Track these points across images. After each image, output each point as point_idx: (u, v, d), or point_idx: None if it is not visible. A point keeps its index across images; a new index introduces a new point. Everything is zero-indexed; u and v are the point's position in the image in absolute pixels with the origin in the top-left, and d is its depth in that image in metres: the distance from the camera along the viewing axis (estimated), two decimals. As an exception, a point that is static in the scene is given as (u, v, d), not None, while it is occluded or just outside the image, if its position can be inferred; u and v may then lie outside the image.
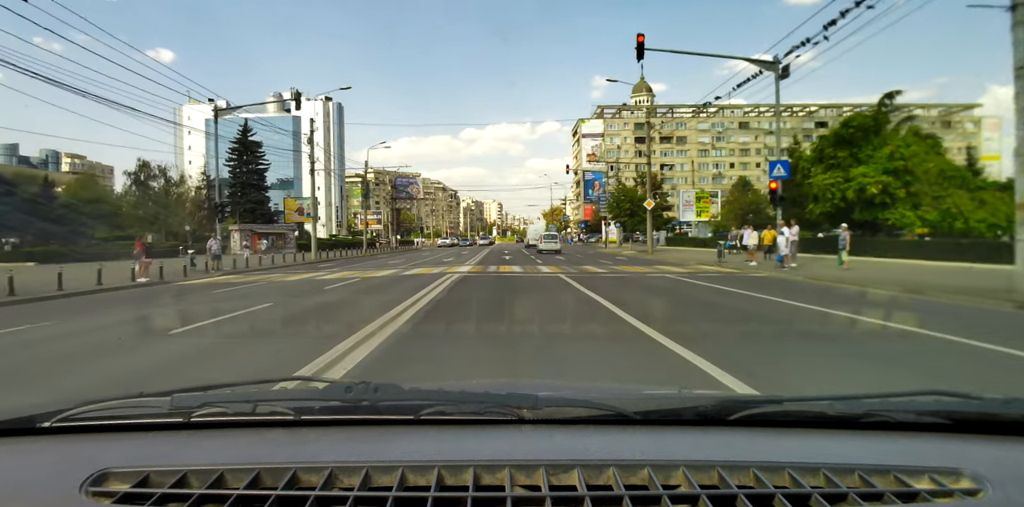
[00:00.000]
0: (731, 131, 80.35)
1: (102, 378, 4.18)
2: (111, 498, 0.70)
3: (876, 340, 5.56)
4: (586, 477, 0.72)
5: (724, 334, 5.77)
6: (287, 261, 24.46)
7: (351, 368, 4.05)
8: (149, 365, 4.58)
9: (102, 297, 10.87)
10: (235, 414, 0.90)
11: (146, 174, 43.27)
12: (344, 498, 0.67)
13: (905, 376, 3.83)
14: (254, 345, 5.61)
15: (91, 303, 9.77)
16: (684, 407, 0.93)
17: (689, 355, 4.31)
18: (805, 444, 0.85)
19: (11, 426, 0.91)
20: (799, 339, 5.54)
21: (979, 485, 0.70)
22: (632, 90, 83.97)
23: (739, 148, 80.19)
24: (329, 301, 9.26)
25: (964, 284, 9.67)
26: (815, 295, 9.05)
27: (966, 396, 0.95)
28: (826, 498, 0.66)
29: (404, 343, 5.09)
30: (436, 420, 0.90)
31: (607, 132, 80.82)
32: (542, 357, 4.53)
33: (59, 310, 8.57)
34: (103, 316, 7.91)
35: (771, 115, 79.74)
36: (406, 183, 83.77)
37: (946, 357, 4.52)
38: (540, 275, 14.12)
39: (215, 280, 14.63)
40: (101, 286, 11.94)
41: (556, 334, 5.77)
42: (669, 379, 3.77)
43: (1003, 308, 7.45)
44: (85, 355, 5.07)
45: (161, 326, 7.01)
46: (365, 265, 20.97)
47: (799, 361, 4.40)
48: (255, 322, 7.00)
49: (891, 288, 9.79)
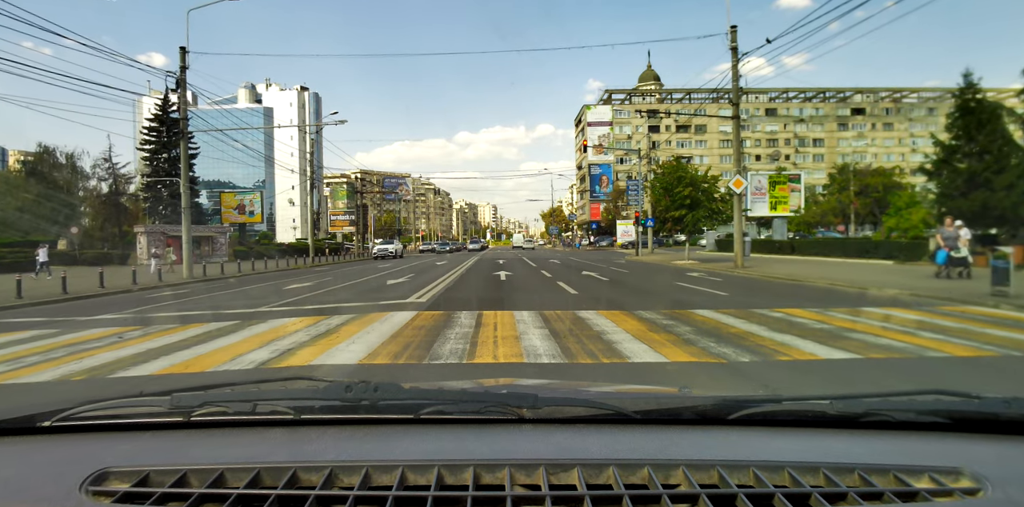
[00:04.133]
0: (756, 119, 79.12)
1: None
2: (111, 497, 0.77)
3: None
4: (586, 476, 0.79)
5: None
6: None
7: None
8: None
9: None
10: (235, 413, 0.99)
11: (48, 163, 38.48)
12: (344, 497, 0.74)
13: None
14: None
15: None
16: (684, 406, 1.01)
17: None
18: (805, 443, 0.93)
19: (11, 425, 1.00)
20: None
21: (979, 484, 0.76)
22: (638, 79, 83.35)
23: (766, 138, 79.42)
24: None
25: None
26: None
27: (966, 395, 1.04)
28: (826, 497, 0.73)
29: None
30: (436, 419, 0.98)
31: (616, 120, 78.11)
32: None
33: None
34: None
35: (800, 101, 79.53)
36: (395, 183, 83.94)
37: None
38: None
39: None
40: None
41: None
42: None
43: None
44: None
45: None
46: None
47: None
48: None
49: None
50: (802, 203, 39.27)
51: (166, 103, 39.29)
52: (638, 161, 45.01)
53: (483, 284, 14.87)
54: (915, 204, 29.82)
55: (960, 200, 23.09)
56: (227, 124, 44.52)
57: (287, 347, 5.99)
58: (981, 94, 24.59)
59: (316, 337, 6.55)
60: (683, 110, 75.31)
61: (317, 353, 5.66)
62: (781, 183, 39.47)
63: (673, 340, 6.02)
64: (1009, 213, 21.90)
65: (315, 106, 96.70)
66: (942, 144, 25.06)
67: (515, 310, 8.54)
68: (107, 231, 38.59)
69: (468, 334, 6.54)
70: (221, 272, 22.01)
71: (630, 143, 74.94)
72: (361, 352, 5.68)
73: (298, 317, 8.42)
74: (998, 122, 23.69)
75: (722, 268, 19.28)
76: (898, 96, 79.78)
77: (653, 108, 75.76)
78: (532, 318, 7.70)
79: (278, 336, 6.68)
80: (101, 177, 40.52)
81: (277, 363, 5.22)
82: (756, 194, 38.75)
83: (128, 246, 35.41)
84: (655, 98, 79.50)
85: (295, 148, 73.95)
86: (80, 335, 7.22)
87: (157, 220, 37.39)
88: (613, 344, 5.83)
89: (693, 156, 76.56)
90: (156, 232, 33.14)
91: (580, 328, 6.86)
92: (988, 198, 22.26)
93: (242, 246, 40.43)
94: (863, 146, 78.15)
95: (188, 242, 19.80)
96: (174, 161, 37.27)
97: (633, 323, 7.20)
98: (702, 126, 77.29)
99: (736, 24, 17.90)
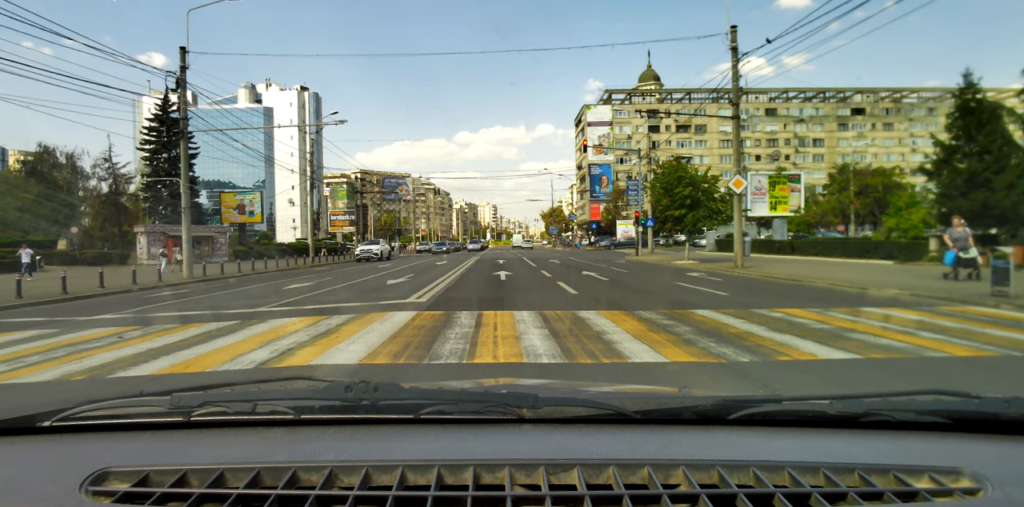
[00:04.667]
0: (756, 119, 79.37)
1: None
2: (111, 497, 0.77)
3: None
4: (586, 476, 0.79)
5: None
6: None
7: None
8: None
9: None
10: (235, 413, 0.99)
11: (48, 163, 38.60)
12: (344, 497, 0.74)
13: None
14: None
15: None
16: (684, 406, 1.02)
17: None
18: (805, 443, 0.93)
19: (11, 425, 1.00)
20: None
21: (979, 484, 0.77)
22: (638, 79, 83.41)
23: (766, 138, 79.63)
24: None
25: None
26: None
27: (966, 395, 1.04)
28: (826, 497, 0.73)
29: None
30: (436, 419, 0.98)
31: (616, 120, 78.41)
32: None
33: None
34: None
35: (800, 101, 79.52)
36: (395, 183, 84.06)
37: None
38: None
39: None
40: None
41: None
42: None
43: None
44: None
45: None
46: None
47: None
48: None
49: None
50: (802, 203, 39.22)
51: (166, 103, 39.21)
52: (638, 161, 44.68)
53: (483, 284, 14.81)
54: (915, 204, 29.81)
55: (960, 200, 23.10)
56: (227, 124, 44.82)
57: (287, 347, 5.97)
58: (981, 94, 24.61)
59: (316, 337, 6.53)
60: (683, 110, 75.36)
61: (317, 353, 5.64)
62: (781, 183, 39.41)
63: (673, 340, 6.01)
64: (1009, 213, 21.90)
65: (315, 106, 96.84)
66: (942, 144, 25.07)
67: (515, 310, 8.52)
68: (107, 231, 38.62)
69: (468, 334, 6.53)
70: (221, 272, 21.95)
71: (630, 143, 74.96)
72: (361, 352, 5.66)
73: (298, 317, 8.38)
74: (998, 122, 23.70)
75: (722, 268, 19.18)
76: (898, 96, 79.84)
77: (653, 108, 75.78)
78: (532, 318, 7.67)
79: (278, 336, 6.66)
80: (101, 177, 40.67)
81: (277, 363, 5.20)
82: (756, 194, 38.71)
83: (128, 246, 35.39)
84: (655, 98, 79.54)
85: (295, 148, 74.01)
86: (80, 335, 7.20)
87: (157, 220, 37.33)
88: (613, 344, 5.81)
89: (693, 156, 76.45)
90: (156, 232, 33.19)
91: (580, 328, 6.84)
92: (988, 198, 22.26)
93: (242, 246, 40.39)
94: (863, 146, 78.22)
95: (188, 242, 19.82)
96: (174, 161, 37.10)
97: (633, 323, 7.17)
98: (702, 126, 77.45)
99: (736, 24, 17.93)
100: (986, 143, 23.52)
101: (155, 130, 39.36)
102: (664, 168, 30.65)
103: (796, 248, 29.82)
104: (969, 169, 23.61)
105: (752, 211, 38.00)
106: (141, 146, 40.11)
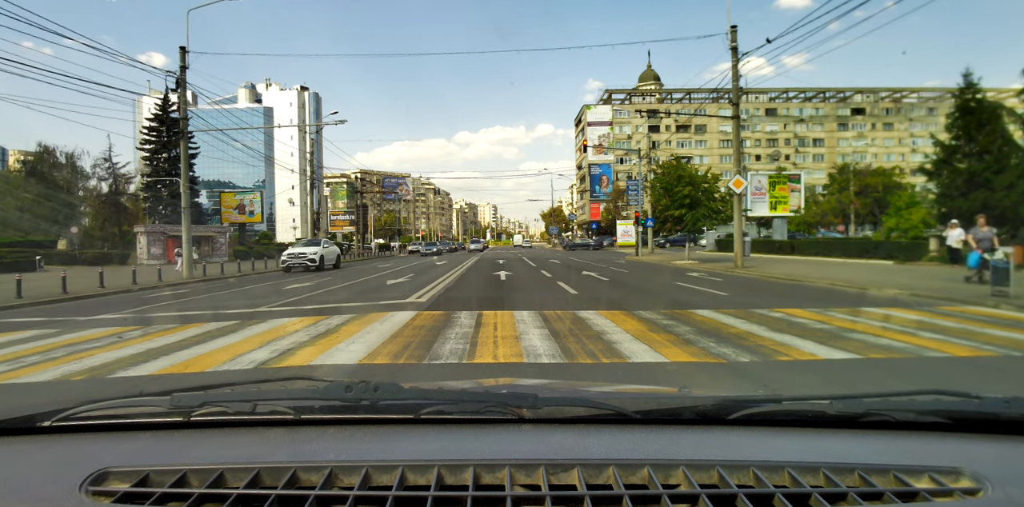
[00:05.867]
0: (756, 119, 79.35)
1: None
2: (111, 497, 0.77)
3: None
4: (586, 476, 0.79)
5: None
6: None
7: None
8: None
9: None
10: (235, 413, 0.99)
11: (48, 163, 38.57)
12: (344, 497, 0.74)
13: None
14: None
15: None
16: (684, 406, 1.02)
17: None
18: (805, 443, 0.93)
19: (11, 425, 1.00)
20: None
21: (979, 484, 0.77)
22: (638, 79, 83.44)
23: (766, 138, 79.65)
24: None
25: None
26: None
27: (966, 395, 1.04)
28: (826, 497, 0.73)
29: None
30: (436, 419, 0.98)
31: (616, 120, 78.42)
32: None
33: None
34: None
35: (800, 101, 79.54)
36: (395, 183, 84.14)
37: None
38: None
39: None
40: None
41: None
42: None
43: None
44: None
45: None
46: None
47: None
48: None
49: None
50: (802, 203, 39.03)
51: (166, 103, 39.17)
52: (638, 161, 44.54)
53: (483, 284, 14.74)
54: (915, 204, 29.78)
55: (960, 200, 23.15)
56: (227, 124, 44.62)
57: (287, 347, 5.95)
58: (981, 94, 24.66)
59: (316, 337, 6.51)
60: (683, 110, 75.36)
61: (317, 353, 5.62)
62: (781, 183, 39.08)
63: (673, 340, 5.98)
64: (1009, 213, 21.95)
65: (315, 106, 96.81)
66: (942, 144, 25.10)
67: (515, 310, 8.50)
68: (107, 231, 38.70)
69: (468, 334, 6.51)
70: (221, 272, 21.87)
71: (630, 143, 74.81)
72: (361, 352, 5.63)
73: (298, 317, 8.36)
74: (998, 122, 23.74)
75: (722, 268, 19.12)
76: (898, 96, 79.84)
77: (653, 108, 75.87)
78: (532, 318, 7.66)
79: (278, 336, 6.63)
80: (101, 177, 40.77)
81: (277, 363, 5.19)
82: (756, 194, 38.34)
83: (128, 246, 35.44)
84: (655, 98, 79.53)
85: (295, 148, 73.97)
86: (80, 335, 7.18)
87: (157, 220, 37.39)
88: (613, 344, 5.79)
89: (693, 156, 76.36)
90: (156, 232, 33.18)
91: (580, 328, 6.81)
92: (988, 198, 22.32)
93: (242, 246, 40.45)
94: (863, 146, 78.23)
95: (188, 242, 19.81)
96: (174, 161, 37.00)
97: (633, 323, 7.15)
98: (702, 126, 77.43)
99: (736, 24, 17.92)
100: (986, 143, 23.58)
101: (155, 130, 39.42)
102: (664, 168, 30.66)
103: (796, 248, 29.83)
104: (969, 169, 23.67)
105: (752, 211, 37.78)
106: (141, 146, 40.31)
